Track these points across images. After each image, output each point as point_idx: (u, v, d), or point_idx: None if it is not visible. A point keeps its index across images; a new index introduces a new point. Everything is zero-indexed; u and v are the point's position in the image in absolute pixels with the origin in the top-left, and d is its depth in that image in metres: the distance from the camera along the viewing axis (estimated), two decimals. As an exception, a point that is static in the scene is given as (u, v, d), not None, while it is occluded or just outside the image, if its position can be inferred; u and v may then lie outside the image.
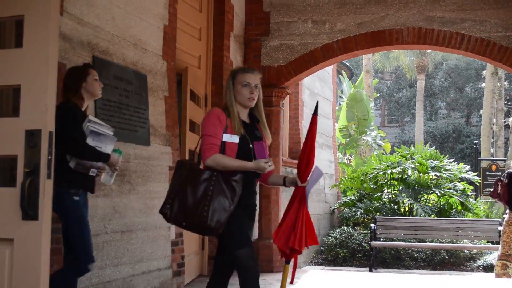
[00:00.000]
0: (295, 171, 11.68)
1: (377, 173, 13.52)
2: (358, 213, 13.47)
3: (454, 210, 13.46)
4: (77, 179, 4.51)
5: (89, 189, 4.66)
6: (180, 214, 4.06)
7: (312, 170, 4.34)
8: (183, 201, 4.05)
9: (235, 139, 4.15)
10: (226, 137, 4.14)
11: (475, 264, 12.16)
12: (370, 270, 11.37)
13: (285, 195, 10.77)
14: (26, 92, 2.98)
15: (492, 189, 8.93)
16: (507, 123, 27.74)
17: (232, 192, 4.04)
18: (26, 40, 3.01)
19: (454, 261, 12.28)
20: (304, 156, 4.28)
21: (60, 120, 3.78)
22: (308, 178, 4.29)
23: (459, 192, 13.23)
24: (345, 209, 14.00)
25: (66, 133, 4.26)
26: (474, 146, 21.17)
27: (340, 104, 21.38)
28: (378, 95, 39.63)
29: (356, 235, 12.98)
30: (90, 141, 4.48)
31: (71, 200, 4.44)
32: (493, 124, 25.75)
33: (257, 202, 4.51)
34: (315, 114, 4.30)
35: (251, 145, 4.20)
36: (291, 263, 4.40)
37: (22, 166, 2.93)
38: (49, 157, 2.94)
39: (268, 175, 4.47)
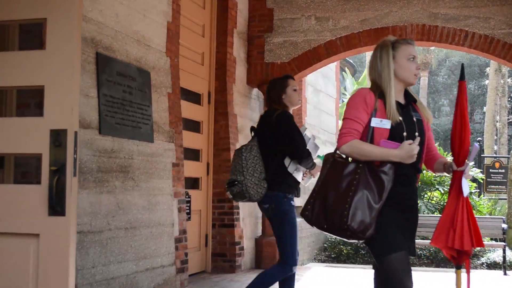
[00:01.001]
0: (298, 168, 11.70)
1: (381, 170, 13.49)
2: (361, 210, 13.46)
3: (458, 207, 13.43)
4: (293, 183, 4.76)
5: (297, 194, 4.90)
6: (321, 215, 3.46)
7: (470, 148, 3.64)
8: (324, 200, 3.46)
9: (386, 124, 3.47)
10: (375, 122, 3.48)
11: (478, 262, 12.14)
12: (374, 268, 11.35)
13: (288, 192, 10.77)
14: (49, 92, 3.09)
15: None
16: (510, 120, 27.72)
17: (380, 186, 3.36)
18: (48, 42, 3.10)
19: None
20: (456, 132, 3.60)
21: (281, 126, 4.29)
22: (466, 161, 3.58)
23: (462, 189, 13.20)
24: (349, 206, 13.96)
25: (291, 138, 4.60)
26: (478, 143, 21.16)
27: (343, 101, 21.37)
28: (381, 92, 39.54)
29: (359, 232, 12.97)
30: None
31: (289, 204, 4.56)
32: (497, 121, 25.74)
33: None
34: (462, 79, 3.67)
35: (405, 133, 3.49)
36: (462, 268, 3.74)
37: (48, 164, 3.04)
38: (75, 156, 3.05)
39: (434, 161, 3.78)
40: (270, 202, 4.78)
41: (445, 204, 13.37)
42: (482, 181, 16.90)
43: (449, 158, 4.50)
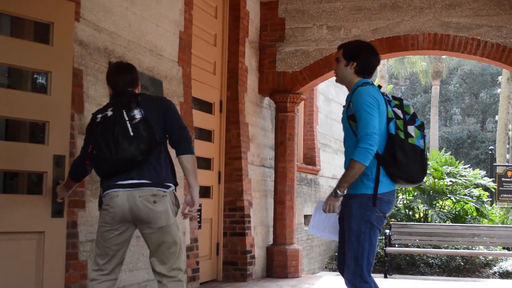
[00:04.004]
0: (309, 176, 11.71)
1: (392, 179, 13.46)
2: (373, 219, 13.42)
3: (470, 216, 13.40)
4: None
5: None
6: None
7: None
8: None
9: None
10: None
11: (490, 271, 12.09)
12: (385, 276, 11.32)
13: (299, 201, 10.78)
14: (52, 126, 4.57)
15: None
16: (523, 129, 27.56)
17: None
18: (53, 89, 4.62)
19: (470, 268, 12.22)
20: None
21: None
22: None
23: (474, 198, 13.17)
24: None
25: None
26: (490, 152, 21.06)
27: (354, 110, 21.27)
28: (393, 100, 39.42)
29: (370, 241, 12.92)
30: None
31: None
32: (509, 130, 25.63)
33: None
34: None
35: None
36: None
37: (51, 179, 4.54)
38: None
39: None
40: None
41: (457, 213, 13.33)
42: (494, 190, 16.83)
43: (465, 168, 4.49)
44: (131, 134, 3.94)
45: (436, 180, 13.37)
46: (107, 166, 3.99)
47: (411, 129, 4.20)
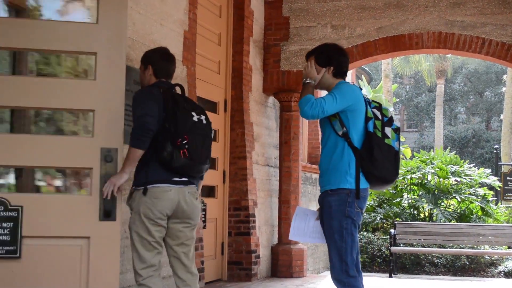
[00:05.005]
0: (314, 176, 11.69)
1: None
2: (378, 218, 13.43)
3: (475, 215, 13.37)
4: None
5: None
6: None
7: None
8: None
9: None
10: None
11: (496, 270, 12.07)
12: (390, 276, 11.31)
13: (304, 200, 10.76)
14: (99, 116, 3.85)
15: None
16: (528, 127, 27.48)
17: None
18: (98, 74, 3.88)
19: (475, 267, 12.20)
20: None
21: None
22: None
23: (479, 197, 13.15)
24: (365, 214, 13.95)
25: None
26: (495, 151, 21.01)
27: (359, 109, 21.23)
28: (397, 99, 39.49)
29: (375, 240, 12.93)
30: None
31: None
32: (514, 129, 25.52)
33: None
34: None
35: None
36: None
37: (98, 177, 3.81)
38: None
39: None
40: None
41: (462, 212, 13.30)
42: (499, 189, 16.79)
43: (470, 167, 4.48)
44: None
45: (441, 179, 13.35)
46: (192, 169, 4.23)
47: (388, 130, 4.32)
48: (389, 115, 4.41)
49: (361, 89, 4.51)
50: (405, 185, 13.81)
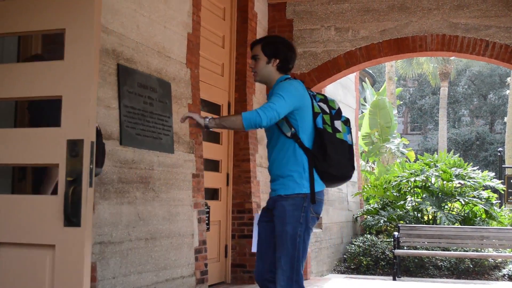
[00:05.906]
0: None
1: (400, 181, 13.45)
2: (381, 221, 13.40)
3: (479, 218, 13.33)
4: None
5: None
6: None
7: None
8: None
9: None
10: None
11: (500, 273, 12.03)
12: (394, 279, 11.29)
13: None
14: (67, 103, 3.07)
15: None
16: (531, 130, 27.43)
17: None
18: (67, 53, 3.10)
19: (479, 270, 12.16)
20: None
21: None
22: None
23: (483, 200, 13.11)
24: (368, 217, 13.93)
25: None
26: (499, 153, 20.96)
27: (362, 112, 21.33)
28: (401, 102, 39.46)
29: (379, 243, 12.90)
30: None
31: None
32: (518, 132, 25.47)
33: None
34: None
35: None
36: None
37: (64, 175, 3.00)
38: (91, 166, 3.01)
39: None
40: None
41: (465, 215, 13.28)
42: (503, 192, 16.74)
43: (473, 170, 4.47)
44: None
45: (444, 182, 13.32)
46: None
47: (338, 124, 4.12)
48: (336, 107, 4.21)
49: (303, 81, 4.34)
50: (409, 188, 13.78)
